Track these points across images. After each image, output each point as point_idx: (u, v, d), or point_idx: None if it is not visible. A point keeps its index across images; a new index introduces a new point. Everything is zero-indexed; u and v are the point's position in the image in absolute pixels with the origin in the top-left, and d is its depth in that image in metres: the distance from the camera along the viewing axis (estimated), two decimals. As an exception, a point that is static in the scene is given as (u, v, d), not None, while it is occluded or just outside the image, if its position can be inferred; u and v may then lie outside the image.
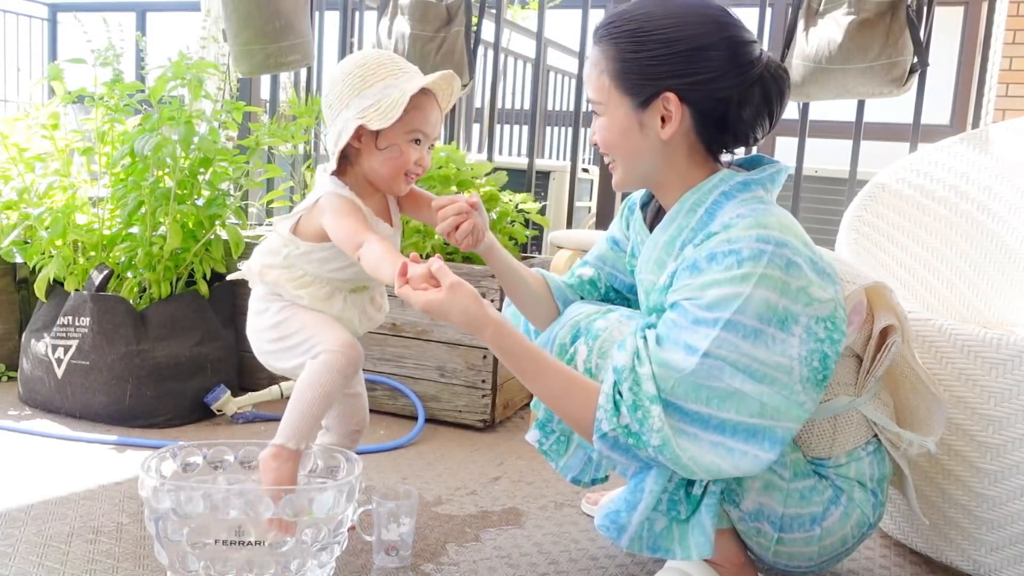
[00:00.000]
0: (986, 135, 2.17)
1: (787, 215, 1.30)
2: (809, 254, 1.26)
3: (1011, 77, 4.59)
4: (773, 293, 1.21)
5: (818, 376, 1.25)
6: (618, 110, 1.33)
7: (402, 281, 1.27)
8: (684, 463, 1.23)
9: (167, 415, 2.29)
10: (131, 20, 7.54)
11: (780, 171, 1.36)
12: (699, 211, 1.33)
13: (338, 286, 1.56)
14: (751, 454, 1.23)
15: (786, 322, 1.22)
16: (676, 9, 1.30)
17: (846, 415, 1.41)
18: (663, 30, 1.28)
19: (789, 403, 1.23)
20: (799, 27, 2.70)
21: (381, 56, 1.49)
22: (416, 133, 1.49)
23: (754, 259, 1.21)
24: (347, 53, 3.50)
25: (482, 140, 4.22)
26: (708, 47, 1.27)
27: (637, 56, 1.30)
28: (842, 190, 3.14)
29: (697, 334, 1.22)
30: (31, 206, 2.41)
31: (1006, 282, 2.09)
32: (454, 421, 2.39)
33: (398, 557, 1.56)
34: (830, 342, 1.25)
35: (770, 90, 1.31)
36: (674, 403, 1.23)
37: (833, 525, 1.37)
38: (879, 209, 2.06)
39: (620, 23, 1.32)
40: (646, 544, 1.33)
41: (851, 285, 1.38)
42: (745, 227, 1.25)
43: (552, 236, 2.75)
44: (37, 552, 1.55)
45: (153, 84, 2.36)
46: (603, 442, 1.27)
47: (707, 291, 1.23)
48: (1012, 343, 1.49)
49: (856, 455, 1.40)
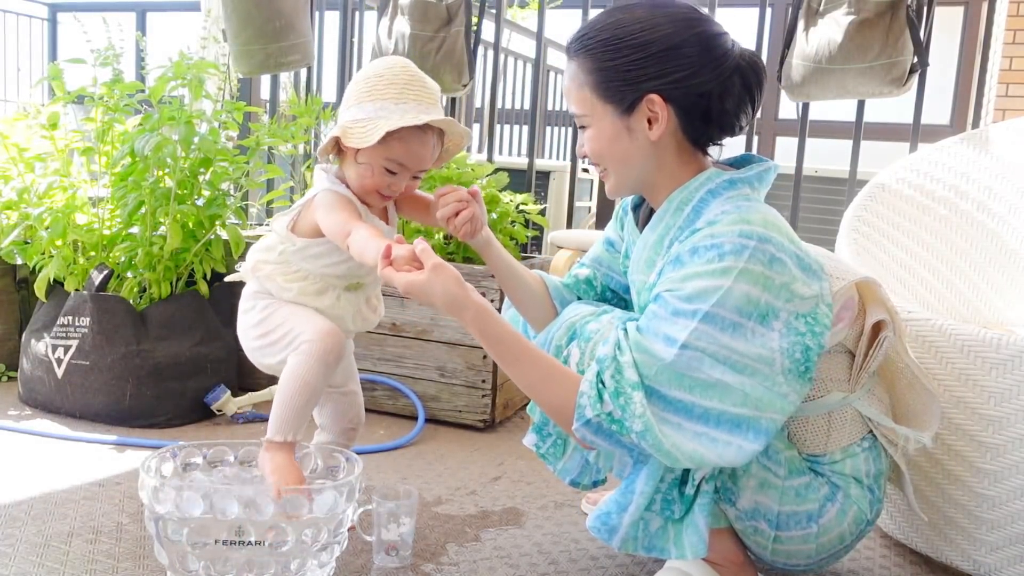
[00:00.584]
0: (986, 135, 2.17)
1: (773, 212, 1.31)
2: (794, 250, 1.27)
3: (1011, 77, 4.59)
4: (754, 288, 1.22)
5: (800, 368, 1.25)
6: (604, 119, 1.35)
7: (385, 263, 1.28)
8: (667, 449, 1.23)
9: (167, 415, 2.29)
10: (131, 20, 7.54)
11: (768, 170, 1.38)
12: (686, 209, 1.35)
13: (332, 282, 1.56)
14: (735, 444, 1.23)
15: (766, 317, 1.23)
16: (644, 13, 1.32)
17: (840, 411, 1.41)
18: (635, 35, 1.31)
19: (772, 394, 1.24)
20: (799, 27, 2.70)
21: (398, 74, 1.46)
22: (392, 164, 1.47)
23: (736, 253, 1.23)
24: (347, 53, 3.51)
25: (482, 140, 4.22)
26: (681, 44, 1.30)
27: (614, 63, 1.32)
28: (842, 190, 3.14)
29: (676, 325, 1.23)
30: (31, 206, 2.41)
31: (1006, 282, 2.09)
32: (454, 421, 2.39)
33: (398, 557, 1.56)
34: (811, 335, 1.26)
35: (748, 78, 1.34)
36: (657, 390, 1.23)
37: (830, 522, 1.37)
38: (879, 209, 2.06)
39: (592, 34, 1.34)
40: (641, 544, 1.33)
41: (840, 281, 1.39)
42: (729, 222, 1.26)
43: (552, 236, 2.75)
44: (37, 552, 1.55)
45: (153, 84, 2.36)
46: (587, 428, 1.27)
47: (687, 283, 1.24)
48: (1012, 343, 1.49)
49: (851, 451, 1.40)
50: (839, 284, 1.38)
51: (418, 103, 1.45)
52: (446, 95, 3.54)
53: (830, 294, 1.30)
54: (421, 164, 1.50)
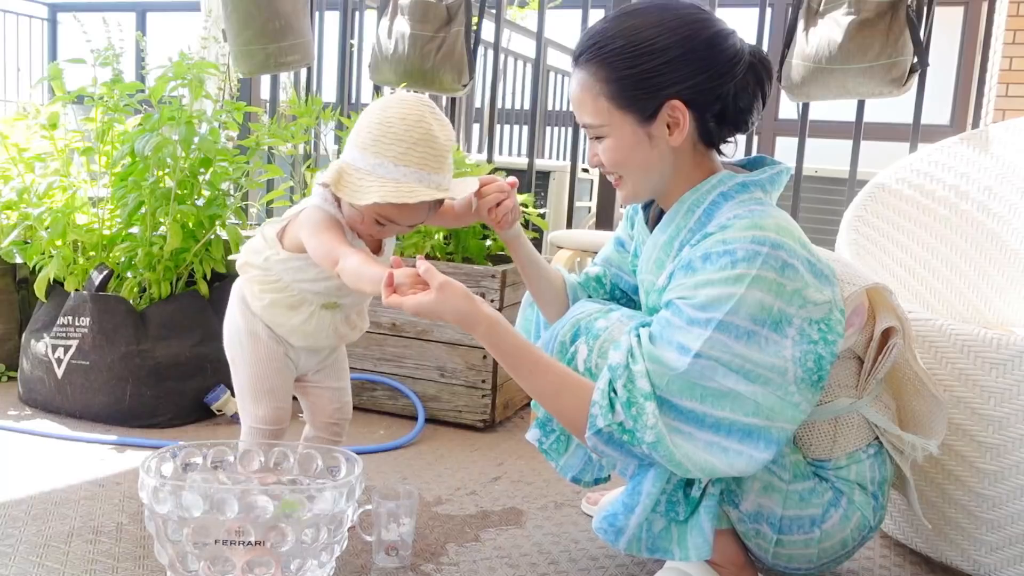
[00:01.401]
0: (986, 135, 2.17)
1: (785, 216, 1.30)
2: (806, 256, 1.25)
3: (1011, 77, 4.59)
4: (767, 295, 1.21)
5: (813, 377, 1.25)
6: (623, 128, 1.32)
7: (389, 291, 1.24)
8: (678, 460, 1.22)
9: (167, 415, 2.29)
10: (131, 20, 7.54)
11: (781, 172, 1.36)
12: (697, 212, 1.34)
13: (309, 299, 1.54)
14: (746, 454, 1.23)
15: (780, 324, 1.22)
16: (655, 18, 1.29)
17: (847, 417, 1.41)
18: (652, 40, 1.28)
19: (784, 404, 1.23)
20: (799, 27, 2.70)
21: (409, 129, 1.36)
22: (382, 218, 1.42)
23: (748, 260, 1.21)
24: (347, 53, 3.50)
25: (482, 140, 4.22)
26: (698, 47, 1.28)
27: (633, 71, 1.29)
28: (842, 190, 3.14)
29: (690, 334, 1.22)
30: (31, 206, 2.41)
31: (1006, 282, 2.09)
32: (454, 421, 2.39)
33: (398, 557, 1.56)
34: (824, 343, 1.25)
35: (760, 75, 1.33)
36: (669, 400, 1.23)
37: (833, 528, 1.37)
38: (879, 209, 2.06)
39: (605, 42, 1.31)
40: (645, 545, 1.33)
41: (851, 287, 1.38)
42: (741, 228, 1.25)
43: (552, 236, 2.75)
44: (37, 552, 1.55)
45: (154, 84, 2.36)
46: (598, 438, 1.27)
47: (700, 290, 1.23)
48: (1012, 343, 1.49)
49: (857, 457, 1.40)
50: (850, 289, 1.37)
51: (420, 168, 1.36)
52: (446, 95, 3.55)
53: (842, 300, 1.29)
54: (413, 221, 1.47)
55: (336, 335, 1.60)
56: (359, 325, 1.65)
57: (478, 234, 2.56)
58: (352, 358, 2.45)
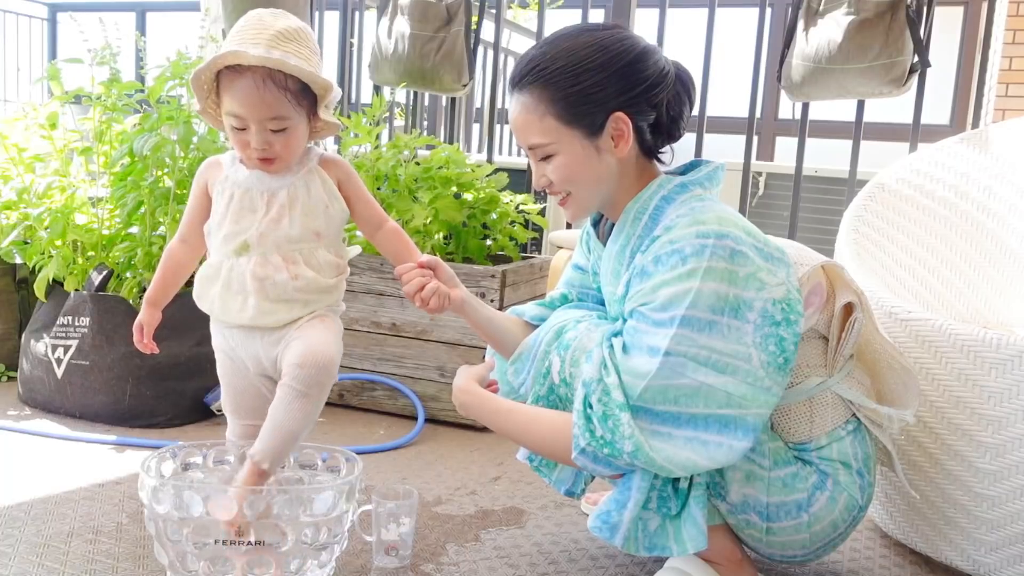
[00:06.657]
0: (986, 135, 2.17)
1: (726, 208, 1.36)
2: (753, 242, 1.31)
3: (1011, 77, 4.59)
4: (722, 284, 1.26)
5: (779, 360, 1.29)
6: (572, 143, 1.38)
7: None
8: (660, 464, 1.26)
9: (167, 415, 2.29)
10: (130, 20, 7.54)
11: (717, 169, 1.43)
12: (643, 218, 1.40)
13: (222, 258, 1.47)
14: (725, 444, 1.27)
15: (739, 310, 1.27)
16: (588, 39, 1.37)
17: (821, 396, 1.43)
18: (591, 58, 1.35)
19: (755, 389, 1.27)
20: (799, 27, 2.71)
21: (241, 26, 1.35)
22: (233, 119, 1.35)
23: (697, 255, 1.27)
24: (347, 53, 3.51)
25: (482, 140, 4.22)
26: (634, 61, 1.36)
27: (578, 88, 1.35)
28: (842, 190, 3.14)
29: (657, 335, 1.27)
30: (30, 206, 2.40)
31: (1006, 282, 2.09)
32: (454, 421, 2.39)
33: (398, 557, 1.55)
34: (787, 324, 1.29)
35: (686, 82, 1.42)
36: (643, 407, 1.27)
37: (821, 511, 1.39)
38: (879, 209, 2.06)
39: (545, 64, 1.37)
40: (642, 545, 1.35)
41: (804, 267, 1.42)
42: (685, 226, 1.31)
43: (552, 236, 2.75)
44: (37, 552, 1.55)
45: (152, 84, 2.36)
46: (584, 457, 1.31)
47: (658, 292, 1.28)
48: (1012, 343, 1.49)
49: (836, 435, 1.42)
50: (804, 269, 1.41)
51: (239, 46, 1.32)
52: (446, 95, 3.55)
53: (796, 280, 1.34)
54: (259, 111, 1.34)
55: (255, 280, 1.43)
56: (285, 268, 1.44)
57: (478, 234, 2.56)
58: (352, 358, 2.46)
